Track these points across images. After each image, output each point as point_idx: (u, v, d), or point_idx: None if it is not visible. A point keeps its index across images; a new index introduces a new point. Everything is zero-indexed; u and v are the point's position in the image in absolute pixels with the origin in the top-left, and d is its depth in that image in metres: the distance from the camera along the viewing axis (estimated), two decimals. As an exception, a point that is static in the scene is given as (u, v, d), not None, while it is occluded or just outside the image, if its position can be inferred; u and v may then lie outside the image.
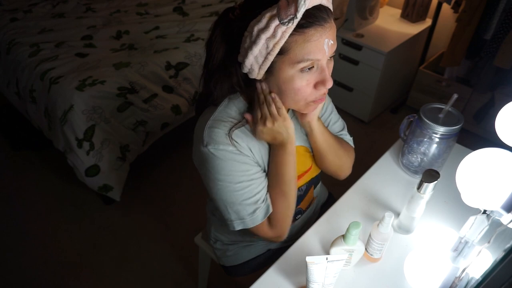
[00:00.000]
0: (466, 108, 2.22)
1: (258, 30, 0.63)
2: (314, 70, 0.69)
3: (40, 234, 1.83)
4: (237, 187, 0.78)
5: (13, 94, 2.11)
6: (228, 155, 0.76)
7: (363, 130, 2.42)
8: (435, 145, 1.03)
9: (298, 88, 0.70)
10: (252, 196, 0.80)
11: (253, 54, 0.66)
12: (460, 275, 0.64)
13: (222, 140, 0.76)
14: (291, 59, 0.66)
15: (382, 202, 1.03)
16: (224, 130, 0.77)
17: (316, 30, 0.64)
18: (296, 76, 0.69)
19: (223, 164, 0.76)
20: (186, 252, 1.74)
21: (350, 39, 2.18)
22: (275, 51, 0.65)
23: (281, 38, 0.63)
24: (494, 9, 1.86)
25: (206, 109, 0.82)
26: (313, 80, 0.70)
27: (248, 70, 0.70)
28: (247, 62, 0.67)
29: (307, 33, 0.64)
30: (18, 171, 2.15)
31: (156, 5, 2.50)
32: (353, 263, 0.86)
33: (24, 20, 2.28)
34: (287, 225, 0.86)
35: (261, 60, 0.67)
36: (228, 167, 0.77)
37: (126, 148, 1.85)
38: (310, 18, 0.63)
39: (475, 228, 0.67)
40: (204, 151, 0.76)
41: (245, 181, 0.79)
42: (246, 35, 0.66)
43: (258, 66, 0.68)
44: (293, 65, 0.67)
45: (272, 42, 0.64)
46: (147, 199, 2.00)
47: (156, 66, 1.89)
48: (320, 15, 0.64)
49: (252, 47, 0.65)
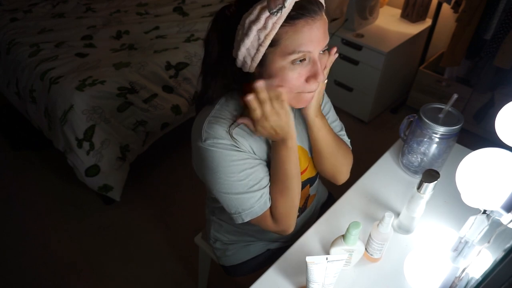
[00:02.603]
0: (466, 108, 2.22)
1: (250, 22, 0.64)
2: (306, 63, 0.70)
3: (40, 234, 1.83)
4: (241, 176, 0.78)
5: (13, 94, 2.11)
6: (227, 147, 0.76)
7: (363, 130, 2.42)
8: (435, 145, 1.03)
9: (289, 79, 0.70)
10: (257, 182, 0.80)
11: (245, 46, 0.67)
12: (460, 275, 0.64)
13: (221, 135, 0.76)
14: (282, 50, 0.67)
15: (382, 202, 1.03)
16: (224, 127, 0.77)
17: (306, 22, 0.65)
18: (288, 68, 0.69)
19: (223, 156, 0.76)
20: (186, 252, 1.74)
21: (350, 39, 2.18)
22: (267, 42, 0.66)
23: (272, 29, 0.64)
24: (494, 9, 1.86)
25: (203, 109, 0.82)
26: (304, 73, 0.71)
27: (241, 63, 0.70)
28: (239, 54, 0.68)
29: (298, 25, 0.65)
30: (18, 171, 2.15)
31: (156, 5, 2.50)
32: (353, 263, 0.86)
33: (24, 20, 2.28)
34: (292, 220, 0.86)
35: (253, 52, 0.68)
36: (229, 158, 0.77)
37: (126, 148, 1.85)
38: (300, 9, 0.64)
39: (475, 228, 0.67)
40: (203, 146, 0.76)
41: (247, 169, 0.79)
42: (238, 28, 0.67)
43: (250, 58, 0.69)
44: (285, 57, 0.68)
45: (263, 34, 0.64)
46: (147, 199, 2.00)
47: (156, 66, 1.89)
48: (311, 7, 0.65)
49: (244, 39, 0.66)
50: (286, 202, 0.83)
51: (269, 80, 0.71)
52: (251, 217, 0.82)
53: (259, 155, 0.83)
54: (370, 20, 2.30)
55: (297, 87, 0.72)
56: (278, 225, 0.85)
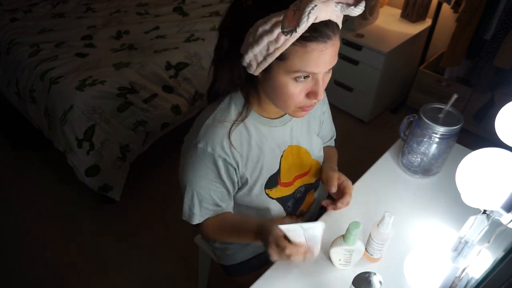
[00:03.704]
0: (466, 108, 2.22)
1: (262, 31, 0.63)
2: (309, 80, 0.70)
3: (40, 234, 1.83)
4: (203, 191, 0.86)
5: (13, 94, 2.11)
6: (208, 159, 0.80)
7: (363, 130, 2.42)
8: (435, 145, 1.03)
9: (290, 94, 0.71)
10: (210, 203, 0.88)
11: (253, 52, 0.66)
12: (460, 275, 0.64)
13: (213, 143, 0.79)
14: (288, 67, 0.67)
15: (382, 202, 1.03)
16: (222, 132, 0.79)
17: (317, 45, 0.65)
18: (290, 83, 0.70)
19: (201, 165, 0.81)
20: (186, 252, 1.74)
21: (350, 39, 2.18)
22: (275, 55, 0.65)
23: (283, 45, 0.64)
24: (494, 9, 1.86)
25: (209, 106, 0.85)
26: (306, 89, 0.72)
27: (247, 64, 0.71)
28: (246, 57, 0.68)
29: (309, 46, 0.64)
30: (18, 171, 2.15)
31: (156, 5, 2.50)
32: (353, 263, 0.86)
33: (24, 20, 2.28)
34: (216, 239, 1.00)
35: (260, 59, 0.68)
36: (204, 171, 0.82)
37: (126, 148, 1.85)
38: (314, 32, 0.63)
39: (475, 228, 0.67)
40: (193, 144, 0.80)
41: (211, 190, 0.86)
42: (250, 31, 0.66)
43: (256, 63, 0.69)
44: (289, 73, 0.68)
45: (274, 46, 0.64)
46: (147, 199, 2.00)
47: (156, 66, 1.89)
48: (325, 32, 0.64)
49: (253, 45, 0.65)
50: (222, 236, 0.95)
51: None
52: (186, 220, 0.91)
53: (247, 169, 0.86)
54: (370, 20, 2.30)
55: (298, 102, 0.73)
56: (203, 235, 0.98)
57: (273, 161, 0.88)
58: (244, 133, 0.83)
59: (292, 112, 0.77)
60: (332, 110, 1.06)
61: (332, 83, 2.43)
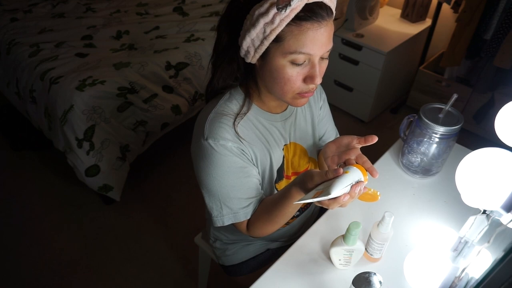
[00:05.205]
0: (466, 108, 2.22)
1: (258, 14, 0.65)
2: (306, 64, 0.71)
3: (40, 234, 1.83)
4: (235, 182, 0.80)
5: (13, 94, 2.11)
6: (226, 151, 0.77)
7: (363, 130, 2.42)
8: (435, 145, 1.03)
9: (288, 77, 0.72)
10: (248, 191, 0.82)
11: (251, 37, 0.68)
12: (460, 275, 0.64)
13: (223, 135, 0.77)
14: (285, 48, 0.68)
15: (382, 202, 1.03)
16: (228, 124, 0.78)
17: (312, 25, 0.66)
18: (287, 66, 0.71)
19: (222, 159, 0.78)
20: (186, 252, 1.74)
21: (350, 39, 2.18)
22: (271, 37, 0.67)
23: (279, 26, 0.65)
24: (494, 9, 1.86)
25: (208, 103, 0.84)
26: (303, 73, 0.72)
27: (245, 52, 0.72)
28: (244, 44, 0.70)
29: (304, 26, 0.66)
30: (18, 171, 2.15)
31: (156, 5, 2.50)
32: (353, 263, 0.86)
33: (24, 20, 2.28)
34: (264, 234, 0.87)
35: (257, 43, 0.69)
36: (227, 163, 0.78)
37: (126, 148, 1.85)
38: (309, 12, 0.65)
39: (475, 228, 0.67)
40: (204, 144, 0.77)
41: (242, 178, 0.80)
42: (247, 18, 0.68)
43: (254, 49, 0.70)
44: (286, 55, 0.69)
45: (270, 28, 0.66)
46: (147, 199, 2.00)
47: (156, 66, 1.89)
48: (320, 12, 0.66)
49: (250, 29, 0.67)
50: (266, 227, 0.84)
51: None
52: (232, 222, 0.84)
53: (258, 163, 0.84)
54: (370, 20, 2.30)
55: (296, 88, 0.74)
56: (250, 233, 0.87)
57: (278, 154, 0.89)
58: (251, 125, 0.83)
59: (291, 99, 0.77)
60: (332, 110, 1.06)
61: (332, 83, 2.43)
